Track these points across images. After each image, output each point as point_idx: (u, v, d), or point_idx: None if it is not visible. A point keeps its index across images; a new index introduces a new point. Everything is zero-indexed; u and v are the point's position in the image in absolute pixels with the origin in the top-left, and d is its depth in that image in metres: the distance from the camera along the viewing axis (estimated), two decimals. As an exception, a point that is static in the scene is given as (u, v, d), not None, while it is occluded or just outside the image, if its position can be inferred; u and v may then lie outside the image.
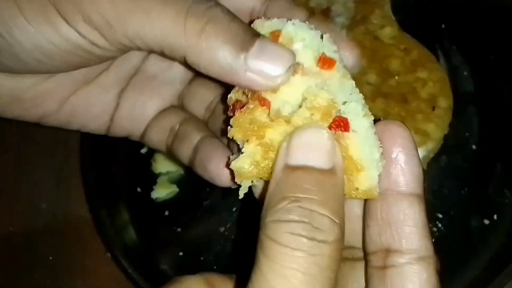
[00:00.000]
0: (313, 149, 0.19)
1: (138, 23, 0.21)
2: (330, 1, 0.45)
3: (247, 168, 0.21)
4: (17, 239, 0.44)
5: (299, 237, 0.16)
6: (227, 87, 0.28)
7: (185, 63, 0.22)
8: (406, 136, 0.20)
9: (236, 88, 0.22)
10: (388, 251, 0.20)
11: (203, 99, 0.29)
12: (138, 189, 0.44)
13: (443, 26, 0.46)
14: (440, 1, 0.46)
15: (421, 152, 0.38)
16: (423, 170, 0.20)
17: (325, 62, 0.21)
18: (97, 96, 0.28)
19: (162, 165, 0.44)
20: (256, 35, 0.21)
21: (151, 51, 0.23)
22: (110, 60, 0.26)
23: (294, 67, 0.21)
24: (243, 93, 0.22)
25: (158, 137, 0.29)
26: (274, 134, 0.21)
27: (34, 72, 0.25)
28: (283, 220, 0.17)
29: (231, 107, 0.22)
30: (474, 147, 0.42)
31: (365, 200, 0.21)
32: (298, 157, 0.18)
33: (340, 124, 0.20)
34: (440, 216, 0.40)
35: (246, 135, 0.21)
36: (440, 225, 0.40)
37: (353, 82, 0.21)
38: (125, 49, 0.23)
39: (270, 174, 0.21)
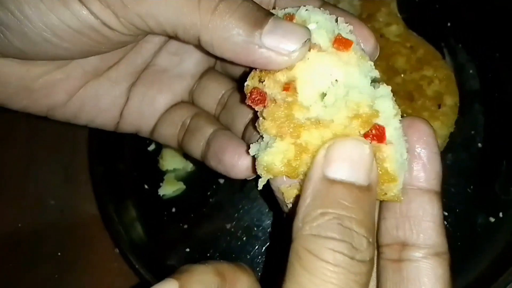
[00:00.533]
0: (354, 164, 0.19)
1: (152, 1, 0.21)
2: (336, -1, 0.45)
3: (277, 165, 0.21)
4: (25, 235, 0.45)
5: (341, 255, 0.17)
6: (239, 81, 0.28)
7: (199, 46, 0.22)
8: (431, 134, 0.20)
9: (252, 75, 0.22)
10: (404, 245, 0.20)
11: (214, 93, 0.29)
12: (146, 186, 0.44)
13: (448, 24, 0.46)
14: (446, 0, 0.46)
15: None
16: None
17: (340, 42, 0.20)
18: (106, 90, 0.28)
19: (169, 163, 0.44)
20: (270, 13, 0.21)
21: (163, 33, 0.23)
22: (120, 47, 0.25)
23: (310, 45, 0.20)
24: (259, 80, 0.21)
25: (169, 132, 0.29)
26: (310, 137, 0.20)
27: (43, 57, 0.25)
28: (324, 236, 0.18)
29: (249, 95, 0.22)
30: (480, 145, 0.42)
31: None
32: (339, 171, 0.19)
33: (377, 134, 0.19)
34: (446, 213, 0.40)
35: (281, 131, 0.21)
36: (446, 222, 0.40)
37: (371, 63, 0.21)
38: (136, 32, 0.23)
39: (298, 174, 0.21)
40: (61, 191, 0.46)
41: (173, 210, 0.43)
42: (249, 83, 0.22)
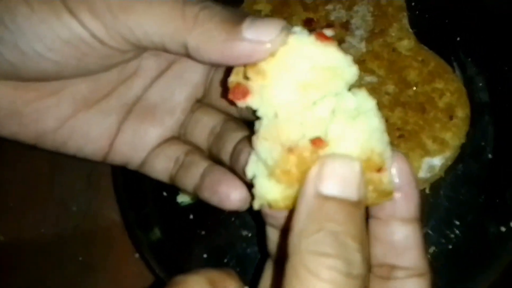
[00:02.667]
0: (346, 181, 0.19)
1: (141, 11, 0.23)
2: (349, 14, 0.47)
3: (281, 204, 0.21)
4: (48, 240, 0.46)
5: (337, 273, 0.18)
6: (232, 109, 0.29)
7: (186, 54, 0.23)
8: (410, 169, 0.22)
9: (236, 70, 0.23)
10: (392, 267, 0.22)
11: (207, 125, 0.30)
12: (164, 193, 0.46)
13: (458, 39, 0.47)
14: (455, 15, 0.48)
15: (439, 160, 0.40)
16: (441, 177, 0.22)
17: (320, 35, 0.21)
18: (97, 121, 0.28)
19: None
20: (246, 15, 0.23)
21: (151, 45, 0.24)
22: (109, 65, 0.26)
23: (288, 32, 0.21)
24: (244, 76, 0.22)
25: (162, 166, 0.30)
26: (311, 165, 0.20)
27: (34, 73, 0.25)
28: (321, 253, 0.18)
29: (231, 89, 0.22)
30: (490, 155, 0.43)
31: (368, 221, 0.23)
32: (331, 187, 0.19)
33: (378, 170, 0.21)
34: (457, 222, 0.41)
35: (289, 180, 0.21)
36: (457, 231, 0.41)
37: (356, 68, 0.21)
38: (124, 46, 0.24)
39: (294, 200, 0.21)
40: (84, 197, 0.47)
41: (191, 217, 0.45)
42: (233, 78, 0.22)
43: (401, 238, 0.22)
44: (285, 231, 0.20)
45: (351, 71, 0.21)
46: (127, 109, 0.29)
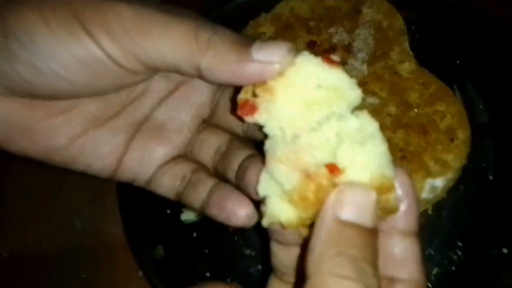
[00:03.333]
0: (363, 208, 0.21)
1: (157, 34, 0.24)
2: (351, 37, 0.48)
3: (294, 224, 0.22)
4: (50, 256, 0.46)
5: None
6: (237, 129, 0.30)
7: (199, 75, 0.25)
8: (411, 184, 0.23)
9: (245, 88, 0.24)
10: (391, 280, 0.23)
11: (212, 144, 0.31)
12: (168, 211, 0.46)
13: (458, 62, 0.49)
14: (455, 39, 0.49)
15: (442, 181, 0.40)
16: (443, 198, 0.23)
17: (327, 59, 0.22)
18: (106, 138, 0.29)
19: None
20: (254, 39, 0.24)
21: (164, 66, 0.25)
22: (120, 86, 0.27)
23: (296, 53, 0.23)
24: (253, 94, 0.23)
25: (168, 184, 0.30)
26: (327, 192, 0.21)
27: (49, 90, 0.26)
28: (343, 275, 0.19)
29: (240, 106, 0.23)
30: (491, 177, 0.43)
31: None
32: (351, 214, 0.20)
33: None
34: (460, 244, 0.41)
35: (306, 206, 0.22)
36: (460, 253, 0.41)
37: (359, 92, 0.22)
38: (138, 67, 0.25)
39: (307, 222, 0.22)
40: (88, 214, 0.47)
41: (194, 235, 0.45)
42: (242, 95, 0.24)
43: (401, 251, 0.23)
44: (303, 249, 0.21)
45: (354, 94, 0.22)
46: (136, 128, 0.30)
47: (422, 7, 0.50)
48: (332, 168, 0.21)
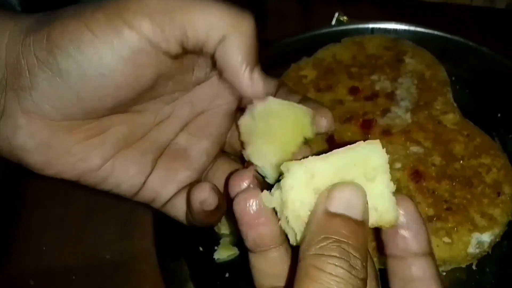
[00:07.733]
0: (352, 202, 0.22)
1: (199, 9, 0.26)
2: (394, 85, 0.49)
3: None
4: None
5: (340, 269, 0.21)
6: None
7: (216, 53, 0.27)
8: (416, 211, 0.25)
9: (247, 112, 0.28)
10: None
11: (226, 171, 0.32)
12: (200, 248, 0.45)
13: (499, 115, 0.49)
14: (495, 91, 0.50)
15: (489, 236, 0.39)
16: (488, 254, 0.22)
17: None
18: (135, 159, 0.30)
19: (226, 226, 0.45)
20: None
21: (196, 42, 0.27)
22: (161, 77, 0.28)
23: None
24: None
25: (183, 207, 0.32)
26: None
27: (95, 98, 0.26)
28: (327, 255, 0.21)
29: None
30: (536, 234, 0.42)
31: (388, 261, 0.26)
32: (339, 206, 0.22)
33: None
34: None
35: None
36: (504, 310, 0.40)
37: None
38: (176, 49, 0.26)
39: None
40: (118, 246, 0.47)
41: (227, 275, 0.44)
42: (242, 120, 0.29)
43: (417, 269, 0.25)
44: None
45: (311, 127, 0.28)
46: (161, 150, 0.32)
47: (462, 60, 0.51)
48: None
